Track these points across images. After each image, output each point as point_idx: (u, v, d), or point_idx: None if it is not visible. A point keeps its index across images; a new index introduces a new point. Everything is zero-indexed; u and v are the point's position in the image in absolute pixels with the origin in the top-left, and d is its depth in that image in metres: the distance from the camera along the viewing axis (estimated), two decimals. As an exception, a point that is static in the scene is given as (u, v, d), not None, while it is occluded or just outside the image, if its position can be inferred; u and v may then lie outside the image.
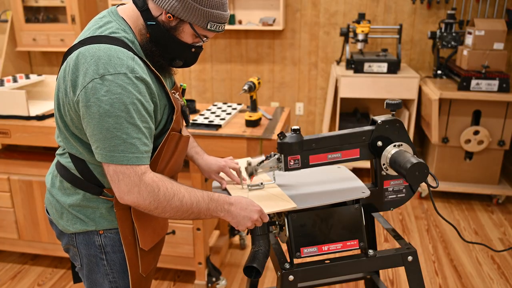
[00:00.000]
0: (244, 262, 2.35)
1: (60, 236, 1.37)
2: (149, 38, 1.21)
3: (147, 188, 1.13)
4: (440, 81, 3.45)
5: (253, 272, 1.28)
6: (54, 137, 2.25)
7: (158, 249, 1.42)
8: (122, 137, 1.10)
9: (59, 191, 1.31)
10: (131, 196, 1.13)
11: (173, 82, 1.38)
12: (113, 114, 1.08)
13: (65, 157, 1.28)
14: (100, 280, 1.33)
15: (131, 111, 1.10)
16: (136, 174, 1.12)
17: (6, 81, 2.55)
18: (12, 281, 2.53)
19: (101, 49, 1.11)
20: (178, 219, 1.25)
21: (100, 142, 1.11)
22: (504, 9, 3.66)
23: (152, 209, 1.16)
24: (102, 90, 1.08)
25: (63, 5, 3.99)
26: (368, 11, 3.87)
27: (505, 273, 2.57)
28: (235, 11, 4.02)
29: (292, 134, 1.36)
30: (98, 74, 1.08)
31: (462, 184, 3.39)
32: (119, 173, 1.12)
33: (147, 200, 1.14)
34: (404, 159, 1.28)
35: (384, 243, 2.86)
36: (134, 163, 1.12)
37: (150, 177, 1.15)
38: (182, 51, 1.24)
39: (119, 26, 1.19)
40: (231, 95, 4.30)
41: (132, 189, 1.13)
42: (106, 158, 1.11)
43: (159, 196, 1.15)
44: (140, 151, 1.13)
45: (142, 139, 1.13)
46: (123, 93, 1.09)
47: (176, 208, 1.18)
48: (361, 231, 1.37)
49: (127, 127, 1.10)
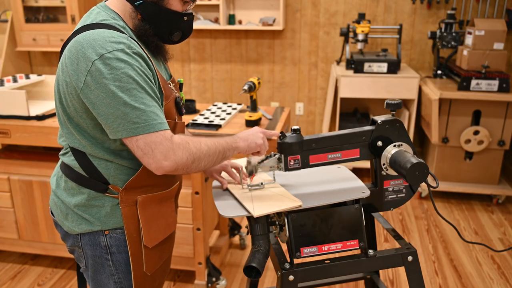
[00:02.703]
0: (244, 262, 2.35)
1: (65, 237, 1.36)
2: (141, 18, 1.23)
3: (180, 147, 1.17)
4: (440, 81, 3.45)
5: (253, 272, 1.28)
6: (54, 137, 2.26)
7: (165, 248, 1.41)
8: (141, 107, 1.12)
9: (64, 192, 1.31)
10: (169, 161, 1.15)
11: (169, 75, 1.39)
12: (125, 88, 1.10)
13: (69, 155, 1.28)
14: (105, 281, 1.33)
15: (140, 82, 1.13)
16: (167, 139, 1.15)
17: (6, 81, 2.55)
18: (12, 281, 2.53)
19: (95, 33, 1.13)
20: (212, 166, 1.29)
21: (121, 118, 1.12)
22: (504, 9, 3.66)
23: (190, 164, 1.20)
24: (106, 69, 1.09)
25: (63, 5, 3.99)
26: (368, 11, 3.87)
27: (505, 273, 2.57)
28: (235, 11, 4.03)
29: (292, 134, 1.36)
30: (97, 55, 1.09)
31: (462, 184, 3.39)
32: (151, 143, 1.13)
33: (184, 157, 1.17)
34: (404, 159, 1.28)
35: (384, 243, 2.86)
36: (160, 128, 1.14)
37: (178, 137, 1.19)
38: (176, 21, 1.26)
39: (108, 14, 1.21)
40: (231, 95, 4.30)
41: (168, 154, 1.15)
42: (132, 131, 1.12)
43: (191, 149, 1.19)
44: (161, 118, 1.16)
45: (158, 106, 1.17)
46: (126, 66, 1.11)
47: (207, 153, 1.23)
48: (361, 231, 1.37)
49: (142, 97, 1.13)
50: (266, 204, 1.32)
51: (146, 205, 1.29)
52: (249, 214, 1.29)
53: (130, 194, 1.26)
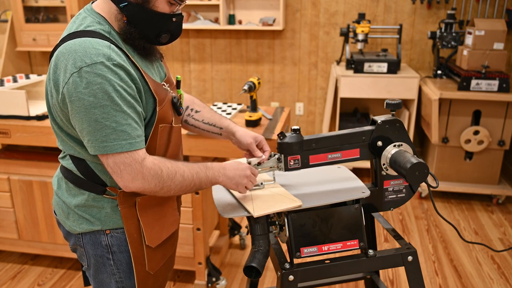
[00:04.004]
0: (244, 262, 2.35)
1: (67, 236, 1.37)
2: (127, 20, 1.19)
3: (151, 172, 1.15)
4: (440, 81, 3.45)
5: (253, 272, 1.28)
6: (54, 137, 2.26)
7: (168, 246, 1.40)
8: (112, 125, 1.10)
9: (65, 192, 1.31)
10: (136, 183, 1.15)
11: (164, 74, 1.36)
12: (98, 105, 1.09)
13: (66, 159, 1.29)
14: (107, 280, 1.33)
15: (115, 99, 1.10)
16: (137, 161, 1.13)
17: (6, 81, 2.55)
18: (12, 281, 2.53)
19: (77, 43, 1.11)
20: (182, 194, 1.28)
21: (91, 135, 1.11)
22: (504, 9, 3.66)
23: (158, 190, 1.18)
24: (83, 83, 1.08)
25: (63, 5, 3.99)
26: (368, 11, 3.87)
27: (505, 273, 2.57)
28: (235, 11, 4.03)
29: (292, 134, 1.36)
30: (76, 68, 1.08)
31: (462, 184, 3.39)
32: (119, 164, 1.13)
33: (152, 183, 1.16)
34: (404, 159, 1.28)
35: (384, 243, 2.86)
36: (129, 149, 1.12)
37: (151, 161, 1.16)
38: (163, 23, 1.22)
39: (93, 19, 1.19)
40: (231, 95, 4.30)
41: (136, 176, 1.14)
42: (100, 149, 1.12)
43: (163, 176, 1.17)
44: (132, 137, 1.13)
45: (132, 124, 1.14)
46: (103, 82, 1.08)
47: (180, 183, 1.21)
48: (361, 231, 1.37)
49: (115, 115, 1.10)
50: (266, 204, 1.32)
51: (146, 206, 1.29)
52: (249, 214, 1.29)
53: (129, 195, 1.26)
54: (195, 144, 2.15)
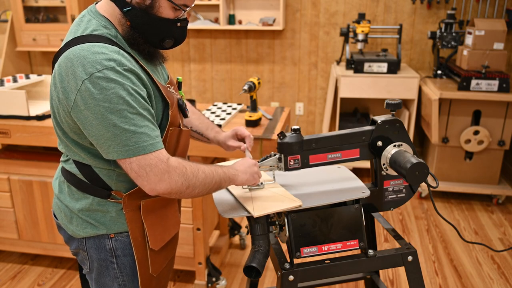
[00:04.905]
0: (244, 262, 2.35)
1: (69, 240, 1.35)
2: (130, 25, 1.18)
3: (177, 171, 1.14)
4: (440, 81, 3.45)
5: (253, 272, 1.28)
6: (54, 137, 2.26)
7: (170, 247, 1.40)
8: (131, 129, 1.09)
9: (68, 197, 1.29)
10: (163, 184, 1.13)
11: (166, 76, 1.36)
12: (114, 110, 1.07)
13: (70, 163, 1.27)
14: (109, 284, 1.32)
15: (131, 102, 1.09)
16: (162, 161, 1.12)
17: (6, 81, 2.55)
18: (12, 281, 2.53)
19: (85, 48, 1.09)
20: (204, 194, 1.25)
21: (111, 140, 1.09)
22: (504, 9, 3.66)
23: (184, 189, 1.17)
24: (96, 89, 1.06)
25: (63, 5, 3.99)
26: (368, 11, 3.87)
27: (505, 273, 2.57)
28: (235, 11, 4.03)
29: (292, 134, 1.36)
30: (87, 74, 1.06)
31: (462, 184, 3.39)
32: (145, 166, 1.11)
33: (179, 182, 1.15)
34: (404, 159, 1.28)
35: (384, 243, 2.86)
36: (151, 150, 1.11)
37: (175, 160, 1.16)
38: (167, 28, 1.21)
39: (99, 23, 1.17)
40: (231, 95, 4.30)
41: (162, 177, 1.12)
42: (122, 154, 1.10)
43: (188, 174, 1.17)
44: (152, 137, 1.12)
45: (150, 125, 1.13)
46: (117, 86, 1.07)
47: (203, 180, 1.20)
48: (361, 231, 1.37)
49: (133, 118, 1.09)
50: (266, 204, 1.32)
51: (150, 209, 1.28)
52: (249, 214, 1.29)
53: (134, 199, 1.25)
54: (195, 144, 2.15)
